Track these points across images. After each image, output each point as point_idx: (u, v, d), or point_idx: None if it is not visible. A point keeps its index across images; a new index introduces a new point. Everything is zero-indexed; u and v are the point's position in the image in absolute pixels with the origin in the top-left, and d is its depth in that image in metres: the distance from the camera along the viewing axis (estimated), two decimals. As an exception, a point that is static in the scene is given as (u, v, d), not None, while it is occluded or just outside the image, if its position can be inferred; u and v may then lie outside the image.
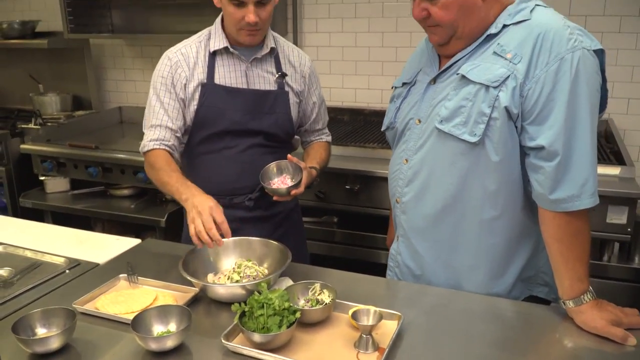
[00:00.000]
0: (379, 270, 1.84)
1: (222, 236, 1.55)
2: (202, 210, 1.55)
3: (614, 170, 2.29)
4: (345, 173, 2.56)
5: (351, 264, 2.52)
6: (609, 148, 2.63)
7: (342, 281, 1.62)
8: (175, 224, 2.91)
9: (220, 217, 1.55)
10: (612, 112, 2.92)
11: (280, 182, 1.80)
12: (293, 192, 1.75)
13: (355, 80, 3.43)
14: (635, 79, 2.87)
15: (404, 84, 1.66)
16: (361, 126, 3.19)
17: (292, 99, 1.95)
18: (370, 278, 1.68)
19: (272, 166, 1.83)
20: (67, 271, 1.72)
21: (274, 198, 1.79)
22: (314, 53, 3.46)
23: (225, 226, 1.55)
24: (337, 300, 1.43)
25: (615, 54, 2.87)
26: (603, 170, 2.30)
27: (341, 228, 2.72)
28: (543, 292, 1.58)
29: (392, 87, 1.73)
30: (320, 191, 2.60)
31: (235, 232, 1.68)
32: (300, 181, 1.76)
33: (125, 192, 3.22)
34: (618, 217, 2.19)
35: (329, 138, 2.16)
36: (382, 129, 1.76)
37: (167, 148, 1.83)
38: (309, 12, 3.42)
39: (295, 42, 3.43)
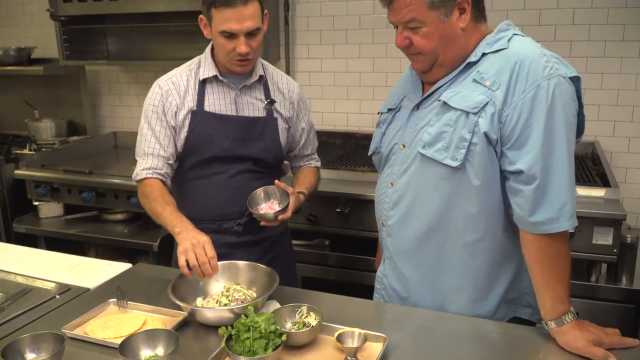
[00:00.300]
0: (372, 292, 1.86)
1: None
2: (196, 244, 1.58)
3: (599, 192, 2.33)
4: (336, 196, 2.59)
5: (344, 287, 2.54)
6: (595, 170, 2.66)
7: (330, 304, 1.65)
8: (167, 248, 2.92)
9: (212, 252, 1.58)
10: (599, 135, 2.97)
11: (267, 207, 1.83)
12: (280, 217, 1.77)
13: (346, 104, 3.48)
14: (621, 103, 2.92)
15: (389, 109, 1.71)
16: (353, 150, 3.23)
17: (281, 125, 1.99)
18: (358, 301, 1.70)
19: (260, 192, 1.85)
20: (58, 296, 1.74)
21: (262, 223, 1.81)
22: (306, 78, 3.52)
23: (215, 262, 1.58)
24: (324, 323, 1.45)
25: (600, 78, 2.93)
26: (588, 192, 2.34)
27: (333, 251, 2.74)
28: (527, 314, 1.60)
29: (378, 113, 1.77)
30: (311, 214, 2.63)
31: (224, 257, 1.72)
32: (287, 206, 1.78)
33: (119, 216, 3.23)
34: (604, 238, 2.22)
35: (318, 163, 2.19)
36: (369, 154, 1.80)
37: (159, 177, 1.87)
38: (301, 38, 3.48)
39: (287, 68, 3.50)
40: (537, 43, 1.49)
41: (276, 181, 1.85)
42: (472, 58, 1.48)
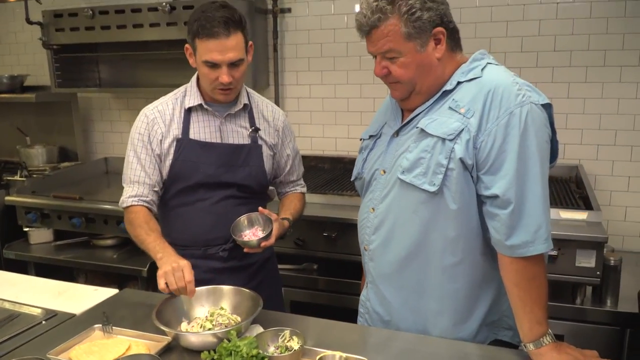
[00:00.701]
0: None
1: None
2: (176, 268, 1.63)
3: (582, 215, 2.36)
4: (323, 220, 2.61)
5: (333, 311, 2.55)
6: (578, 193, 2.70)
7: (314, 328, 1.66)
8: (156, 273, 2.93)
9: (190, 277, 1.63)
10: (583, 158, 3.02)
11: (251, 234, 1.85)
12: (263, 244, 1.80)
13: (335, 129, 3.53)
14: (603, 126, 2.98)
15: (370, 136, 1.75)
16: (341, 174, 3.26)
17: (266, 152, 2.02)
18: (341, 324, 1.72)
19: (243, 219, 1.87)
20: (44, 322, 1.75)
21: (245, 250, 1.83)
22: (295, 104, 3.57)
23: (192, 286, 1.64)
24: (306, 347, 1.47)
25: (583, 103, 2.99)
26: (571, 215, 2.37)
27: (321, 275, 2.76)
28: (508, 336, 1.62)
29: (361, 139, 1.81)
30: (299, 239, 2.65)
31: (210, 282, 1.75)
32: (270, 233, 1.81)
33: (109, 242, 3.25)
34: (587, 260, 2.25)
35: (304, 189, 2.22)
36: (351, 179, 1.83)
37: (145, 204, 1.90)
38: (290, 65, 3.55)
39: (277, 94, 3.55)
40: (511, 72, 1.54)
41: (260, 208, 1.87)
42: (448, 86, 1.53)
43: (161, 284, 1.62)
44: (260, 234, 1.83)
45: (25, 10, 3.60)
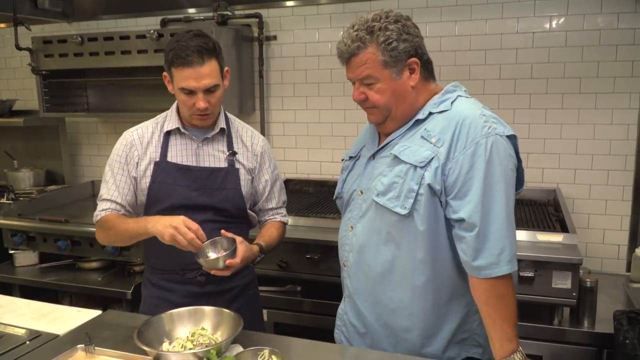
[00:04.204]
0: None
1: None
2: (178, 225, 1.70)
3: (558, 238, 2.42)
4: (307, 243, 2.65)
5: (316, 333, 2.56)
6: (555, 217, 2.77)
7: (294, 347, 1.70)
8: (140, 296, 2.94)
9: (195, 225, 1.72)
10: (560, 182, 3.10)
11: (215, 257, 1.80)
12: (228, 261, 1.76)
13: (319, 153, 3.60)
14: (580, 151, 3.06)
15: (350, 157, 1.83)
16: (325, 197, 3.31)
17: (244, 175, 2.05)
18: (321, 344, 1.75)
19: (207, 244, 1.81)
20: (28, 342, 1.76)
21: (212, 272, 1.79)
22: (280, 129, 3.64)
23: (201, 232, 1.73)
24: (285, 365, 1.50)
25: (560, 129, 3.07)
26: (548, 237, 2.43)
27: (305, 297, 2.78)
28: (478, 353, 1.68)
29: (342, 160, 1.90)
30: (282, 260, 2.68)
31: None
32: (234, 250, 1.77)
33: (94, 264, 3.25)
34: (563, 282, 2.30)
35: (285, 219, 2.21)
36: (333, 198, 1.91)
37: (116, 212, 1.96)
38: (275, 91, 3.62)
39: (262, 119, 3.62)
40: (480, 104, 1.63)
41: (222, 231, 1.85)
42: (420, 116, 1.62)
43: (169, 238, 1.71)
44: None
45: (15, 37, 3.66)
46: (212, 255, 1.81)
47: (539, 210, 2.90)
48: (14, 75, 4.29)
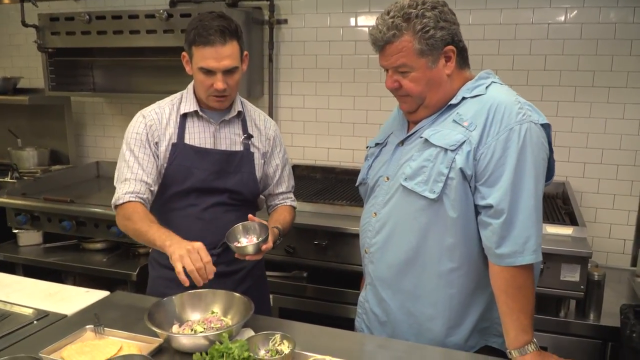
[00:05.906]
0: (349, 324, 1.90)
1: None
2: (191, 250, 1.62)
3: (567, 231, 2.41)
4: (314, 229, 2.64)
5: (321, 319, 2.56)
6: (564, 209, 2.76)
7: (305, 333, 1.69)
8: (146, 277, 2.93)
9: (207, 257, 1.62)
10: (569, 176, 3.08)
11: (247, 242, 1.83)
12: (264, 247, 1.79)
13: (328, 140, 3.57)
14: (590, 145, 3.04)
15: (377, 144, 1.82)
16: (332, 184, 3.30)
17: (258, 159, 2.05)
18: (332, 330, 1.74)
19: (239, 227, 1.85)
20: (36, 322, 1.75)
21: (247, 258, 1.80)
22: (288, 114, 3.61)
23: (211, 266, 1.62)
24: (296, 351, 1.49)
25: (571, 122, 3.05)
26: (557, 230, 2.42)
27: (311, 283, 2.78)
28: (497, 343, 1.67)
29: (367, 147, 1.88)
30: (289, 246, 2.67)
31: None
32: (267, 237, 1.80)
33: (98, 245, 3.24)
34: (571, 275, 2.30)
35: (294, 203, 2.22)
36: (356, 184, 1.89)
37: (141, 201, 1.87)
38: (285, 75, 3.59)
39: (271, 104, 3.59)
40: (514, 91, 1.61)
41: (250, 215, 1.87)
42: (454, 101, 1.60)
43: (178, 267, 1.59)
44: (256, 241, 1.81)
45: (21, 13, 3.61)
46: (242, 238, 1.84)
47: (548, 203, 2.89)
48: (19, 53, 4.24)
